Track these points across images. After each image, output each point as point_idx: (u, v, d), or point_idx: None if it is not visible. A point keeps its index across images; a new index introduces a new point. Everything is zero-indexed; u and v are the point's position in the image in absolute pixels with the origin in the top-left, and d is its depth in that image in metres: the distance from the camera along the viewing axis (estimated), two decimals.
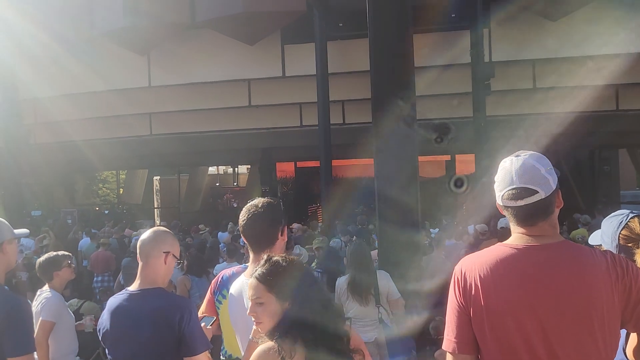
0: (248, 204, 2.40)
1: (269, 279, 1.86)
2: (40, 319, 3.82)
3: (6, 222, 2.59)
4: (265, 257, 1.95)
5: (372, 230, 9.52)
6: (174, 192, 22.95)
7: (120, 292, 2.54)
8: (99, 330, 2.50)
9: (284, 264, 1.89)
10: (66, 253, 4.26)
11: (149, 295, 2.43)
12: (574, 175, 15.42)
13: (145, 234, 2.55)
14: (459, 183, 5.29)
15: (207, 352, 2.43)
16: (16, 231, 2.66)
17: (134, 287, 2.49)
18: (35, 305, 3.92)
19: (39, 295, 4.01)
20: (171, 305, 2.42)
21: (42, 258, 4.17)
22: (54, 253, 4.21)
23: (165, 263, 2.49)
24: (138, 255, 2.51)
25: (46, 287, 4.04)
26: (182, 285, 6.11)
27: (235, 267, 2.71)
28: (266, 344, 1.79)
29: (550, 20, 11.77)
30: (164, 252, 2.49)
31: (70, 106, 13.96)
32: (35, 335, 3.76)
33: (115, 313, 2.44)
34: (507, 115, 12.03)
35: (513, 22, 11.89)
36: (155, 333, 2.34)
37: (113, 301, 2.50)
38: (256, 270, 1.92)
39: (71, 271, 4.17)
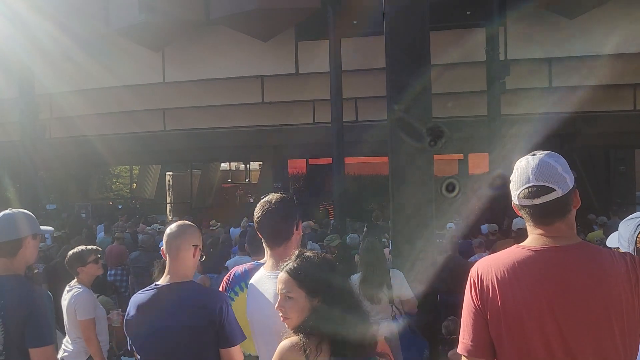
0: (262, 200, 2.40)
1: (300, 274, 1.83)
2: (79, 319, 3.85)
3: (33, 217, 2.61)
4: (297, 252, 1.93)
5: (384, 227, 9.48)
6: (186, 187, 23.08)
7: (149, 288, 2.49)
8: (127, 327, 2.45)
9: (316, 260, 1.87)
10: (94, 248, 4.22)
11: (184, 289, 2.41)
12: (589, 176, 15.23)
13: (172, 228, 2.51)
14: (450, 187, 5.22)
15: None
16: (42, 228, 2.68)
17: (164, 281, 2.45)
18: (67, 299, 3.94)
19: (68, 290, 4.01)
20: (210, 297, 2.42)
21: (70, 252, 4.15)
22: (81, 248, 4.18)
23: (193, 256, 2.48)
24: (165, 249, 2.47)
25: (74, 282, 4.04)
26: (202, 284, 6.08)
27: (248, 264, 2.71)
28: (291, 339, 1.77)
29: (567, 18, 11.61)
30: (193, 246, 2.47)
31: (85, 102, 14.09)
32: (82, 336, 3.84)
33: (147, 308, 2.39)
34: (522, 114, 11.91)
35: (529, 20, 11.76)
36: (194, 325, 2.32)
37: (141, 297, 2.45)
38: (287, 264, 1.90)
39: (97, 267, 4.14)
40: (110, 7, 12.55)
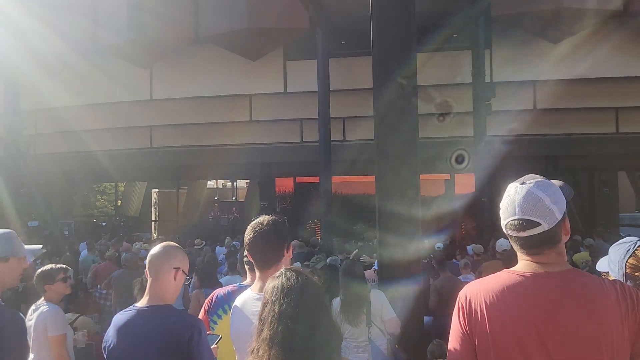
0: (253, 222, 2.37)
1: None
2: (50, 335, 3.76)
3: (15, 236, 2.57)
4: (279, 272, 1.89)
5: (373, 248, 9.42)
6: (172, 205, 22.88)
7: (128, 309, 2.46)
8: (105, 347, 2.43)
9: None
10: (63, 266, 4.16)
11: (159, 312, 2.37)
12: (573, 197, 15.39)
13: (155, 249, 2.48)
14: (460, 159, 5.19)
15: None
16: (27, 247, 2.63)
17: (142, 303, 2.43)
18: (33, 318, 3.85)
19: (34, 310, 3.92)
20: (181, 323, 2.36)
21: (39, 270, 4.10)
22: (50, 266, 4.13)
23: (175, 279, 2.44)
24: (147, 270, 2.44)
25: (41, 300, 3.98)
26: (195, 299, 5.94)
27: (230, 286, 2.66)
28: None
29: (551, 42, 11.86)
30: (174, 268, 2.43)
31: (71, 118, 14.00)
32: (53, 353, 3.74)
33: (123, 330, 2.37)
34: (507, 136, 12.06)
35: (514, 43, 11.99)
36: (164, 351, 2.28)
37: (120, 317, 2.43)
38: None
39: (65, 286, 4.08)
40: (98, 23, 12.55)
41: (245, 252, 2.44)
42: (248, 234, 2.34)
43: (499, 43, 12.11)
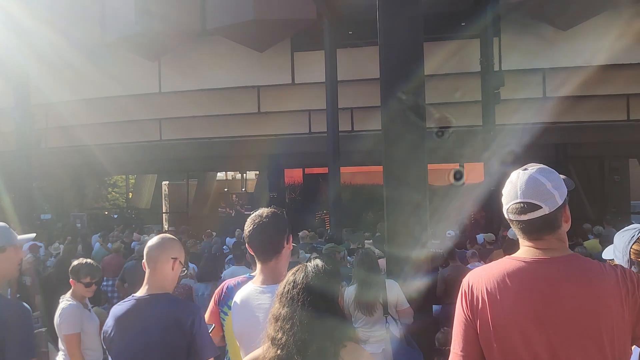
0: (253, 214, 2.40)
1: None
2: (63, 334, 3.76)
3: (7, 227, 2.55)
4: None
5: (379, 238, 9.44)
6: (183, 197, 23.02)
7: (127, 299, 2.52)
8: (104, 337, 2.47)
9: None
10: (92, 272, 4.00)
11: (159, 301, 2.43)
12: (583, 185, 15.30)
13: (153, 240, 2.55)
14: (457, 176, 5.22)
15: (212, 358, 2.42)
16: (20, 237, 2.60)
17: (141, 292, 2.48)
18: (57, 312, 3.84)
19: (60, 303, 3.91)
20: (183, 310, 2.42)
21: (74, 262, 4.04)
22: (82, 264, 4.01)
23: (172, 269, 2.51)
24: (145, 261, 2.51)
25: (69, 293, 3.96)
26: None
27: (240, 277, 2.69)
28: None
29: (561, 29, 11.73)
30: (172, 258, 2.50)
31: (81, 111, 14.12)
32: (67, 351, 3.77)
33: (123, 319, 2.42)
34: (517, 124, 11.99)
35: (523, 31, 11.87)
36: (166, 337, 2.33)
37: (119, 308, 2.48)
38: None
39: (85, 289, 3.95)
40: (106, 16, 12.60)
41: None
42: (248, 227, 2.37)
43: (507, 31, 11.99)
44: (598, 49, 11.47)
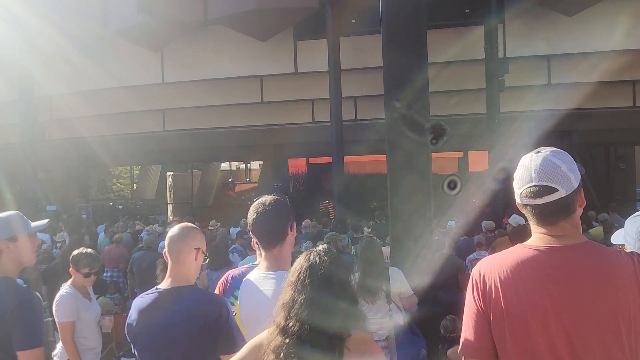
0: (255, 202, 2.39)
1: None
2: (57, 321, 3.78)
3: (20, 216, 2.54)
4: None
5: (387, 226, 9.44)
6: (187, 187, 23.09)
7: (150, 291, 2.45)
8: (128, 330, 2.42)
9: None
10: (92, 261, 4.03)
11: (185, 293, 2.38)
12: (589, 172, 15.24)
13: (174, 231, 2.47)
14: (452, 184, 5.18)
15: None
16: (33, 224, 2.58)
17: (165, 285, 2.42)
18: (54, 304, 3.89)
19: (59, 291, 3.95)
20: (208, 302, 2.38)
21: (74, 252, 4.06)
22: (81, 253, 4.04)
23: (195, 259, 2.44)
24: (167, 252, 2.44)
25: (69, 282, 3.98)
26: (201, 283, 6.00)
27: (244, 267, 2.68)
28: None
29: (566, 15, 11.61)
30: (194, 249, 2.43)
31: (84, 103, 14.11)
32: (61, 338, 3.79)
33: (148, 312, 2.36)
34: (521, 112, 11.92)
35: (527, 17, 11.76)
36: (194, 330, 2.29)
37: (142, 300, 2.42)
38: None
39: (85, 280, 3.98)
40: (108, 8, 12.57)
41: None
42: (251, 215, 2.36)
43: (512, 18, 11.88)
44: (603, 35, 11.36)
